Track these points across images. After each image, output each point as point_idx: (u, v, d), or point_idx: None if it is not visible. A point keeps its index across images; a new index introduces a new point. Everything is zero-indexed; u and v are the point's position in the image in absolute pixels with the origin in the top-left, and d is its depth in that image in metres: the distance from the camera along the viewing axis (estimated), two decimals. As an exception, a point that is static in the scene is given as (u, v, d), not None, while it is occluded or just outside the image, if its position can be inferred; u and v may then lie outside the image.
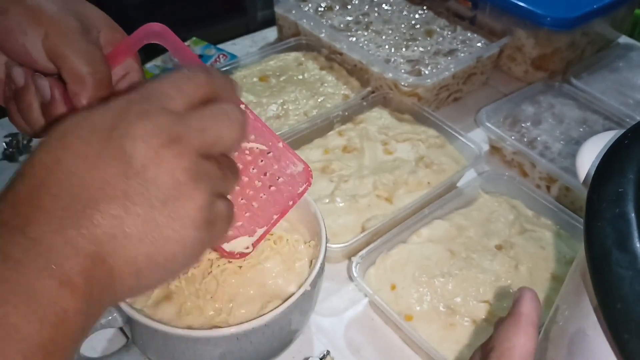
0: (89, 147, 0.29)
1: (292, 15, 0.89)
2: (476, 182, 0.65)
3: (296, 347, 0.52)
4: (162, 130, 0.29)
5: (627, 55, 0.87)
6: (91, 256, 0.28)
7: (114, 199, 0.28)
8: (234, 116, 0.32)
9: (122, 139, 0.29)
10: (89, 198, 0.28)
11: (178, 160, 0.29)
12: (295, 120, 0.72)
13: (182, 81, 0.32)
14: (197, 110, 0.31)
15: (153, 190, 0.29)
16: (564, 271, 0.56)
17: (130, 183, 0.28)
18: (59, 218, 0.27)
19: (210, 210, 0.31)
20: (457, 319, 0.52)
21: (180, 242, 0.30)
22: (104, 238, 0.28)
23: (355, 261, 0.54)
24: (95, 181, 0.28)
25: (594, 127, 0.73)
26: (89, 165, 0.28)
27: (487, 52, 0.81)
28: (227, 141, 0.32)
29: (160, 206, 0.29)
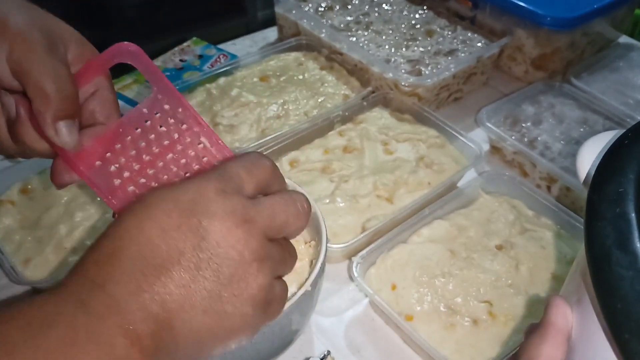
0: (170, 218, 0.31)
1: (292, 15, 0.89)
2: (476, 182, 0.65)
3: (297, 347, 0.52)
4: (236, 210, 0.32)
5: (627, 55, 0.87)
6: (160, 321, 0.29)
7: (186, 270, 0.30)
8: (301, 205, 0.35)
9: (200, 215, 0.31)
10: (164, 266, 0.30)
11: (247, 241, 0.32)
12: (296, 120, 0.72)
13: (253, 165, 0.35)
14: (268, 196, 0.35)
15: (222, 266, 0.31)
16: (565, 271, 0.56)
17: (202, 257, 0.31)
18: (136, 280, 0.29)
19: (269, 291, 0.33)
20: (458, 319, 0.52)
21: (239, 318, 0.32)
22: (173, 305, 0.30)
23: (356, 261, 0.54)
24: (172, 251, 0.30)
25: (594, 127, 0.73)
26: (167, 235, 0.30)
27: (487, 52, 0.81)
28: (293, 228, 0.35)
29: (226, 282, 0.31)
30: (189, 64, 0.87)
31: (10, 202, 0.62)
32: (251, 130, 0.71)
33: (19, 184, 0.63)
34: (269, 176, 0.35)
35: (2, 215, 0.60)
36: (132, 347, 0.28)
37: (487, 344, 0.50)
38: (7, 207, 0.61)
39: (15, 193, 0.63)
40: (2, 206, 0.61)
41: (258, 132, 0.71)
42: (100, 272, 0.30)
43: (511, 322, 0.52)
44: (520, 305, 0.53)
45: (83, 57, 0.40)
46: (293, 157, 0.67)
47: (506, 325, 0.51)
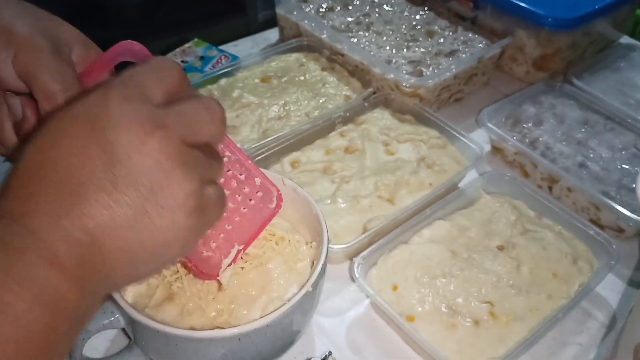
0: (74, 138, 0.29)
1: (293, 16, 0.89)
2: (478, 182, 0.65)
3: (298, 347, 0.52)
4: (144, 117, 0.29)
5: (629, 55, 0.87)
6: (84, 245, 0.28)
7: (102, 190, 0.28)
8: (213, 109, 0.33)
9: (104, 128, 0.29)
10: (77, 190, 0.28)
11: (163, 147, 0.29)
12: (297, 121, 0.72)
13: (160, 70, 0.32)
14: (177, 102, 0.32)
15: (140, 179, 0.29)
16: (566, 271, 0.56)
17: (116, 172, 0.29)
18: (51, 208, 0.28)
19: (200, 195, 0.31)
20: (459, 319, 0.52)
21: (172, 229, 0.30)
22: (96, 228, 0.28)
23: (357, 262, 0.54)
24: (83, 172, 0.29)
25: (595, 127, 0.73)
26: (74, 157, 0.29)
27: (488, 53, 0.81)
28: (210, 132, 0.33)
29: (148, 194, 0.29)
30: (191, 65, 0.87)
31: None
32: (252, 131, 0.71)
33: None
34: (177, 82, 0.33)
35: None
36: (55, 272, 0.27)
37: (488, 345, 0.50)
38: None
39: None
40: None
41: (259, 133, 0.71)
42: (13, 205, 0.29)
43: (512, 323, 0.52)
44: (521, 305, 0.53)
45: (87, 57, 0.41)
46: (294, 158, 0.67)
47: (507, 326, 0.51)
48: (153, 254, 0.31)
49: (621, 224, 0.63)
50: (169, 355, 0.43)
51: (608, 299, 0.59)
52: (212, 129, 0.33)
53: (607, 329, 0.56)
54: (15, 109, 0.39)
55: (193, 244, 0.33)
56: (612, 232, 0.64)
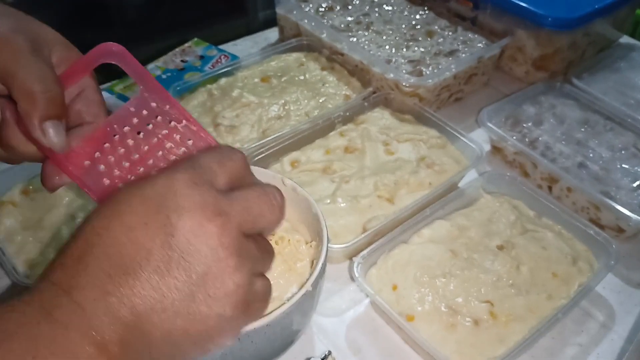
0: (137, 216, 0.29)
1: (293, 15, 0.89)
2: (477, 182, 0.65)
3: (298, 347, 0.52)
4: (208, 204, 0.30)
5: (629, 55, 0.87)
6: (129, 326, 0.28)
7: (155, 271, 0.28)
8: (275, 198, 0.33)
9: (168, 210, 0.29)
10: (131, 267, 0.28)
11: (221, 235, 0.29)
12: (297, 121, 0.72)
13: (225, 158, 0.33)
14: (241, 189, 0.32)
15: (194, 265, 0.29)
16: (566, 271, 0.56)
17: (172, 255, 0.29)
18: (101, 284, 0.28)
19: (248, 290, 0.31)
20: (459, 319, 0.52)
21: (216, 320, 0.30)
22: (143, 309, 0.28)
23: (357, 261, 0.54)
24: (139, 250, 0.29)
25: (595, 127, 0.73)
26: (133, 234, 0.29)
27: (488, 53, 0.81)
28: (268, 222, 0.33)
29: (199, 281, 0.29)
30: (190, 65, 0.87)
31: (12, 203, 0.62)
32: (252, 131, 0.71)
33: (20, 185, 0.64)
34: (241, 169, 0.34)
35: (4, 216, 0.60)
36: (99, 355, 0.27)
37: (488, 344, 0.50)
38: (9, 208, 0.61)
39: (16, 194, 0.63)
40: (4, 207, 0.61)
41: (259, 132, 0.71)
42: (65, 277, 0.28)
43: (512, 322, 0.52)
44: (521, 305, 0.53)
45: (68, 59, 0.40)
46: (294, 158, 0.67)
47: (507, 326, 0.51)
48: (193, 342, 0.30)
49: (621, 224, 0.63)
50: (169, 354, 0.43)
51: (608, 299, 0.59)
52: (272, 217, 0.33)
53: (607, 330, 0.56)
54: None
55: (234, 337, 0.32)
56: (612, 232, 0.64)
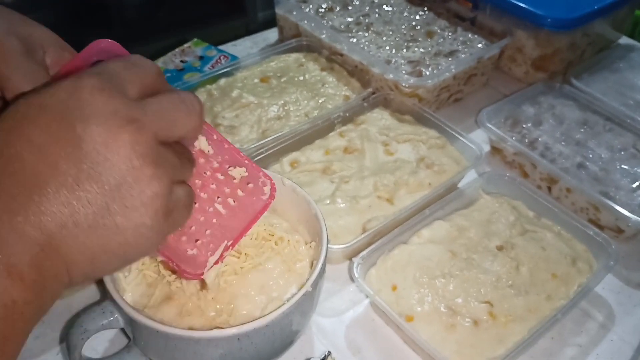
0: (39, 128, 0.27)
1: (292, 16, 0.89)
2: (477, 182, 0.65)
3: (297, 347, 0.52)
4: (118, 111, 0.28)
5: (628, 55, 0.87)
6: (40, 245, 0.27)
7: (63, 185, 0.27)
8: (191, 104, 0.32)
9: (73, 120, 0.27)
10: (37, 184, 0.27)
11: (135, 144, 0.28)
12: (296, 121, 0.72)
13: (136, 66, 0.31)
14: (154, 96, 0.30)
15: (106, 176, 0.27)
16: (565, 272, 0.56)
17: (81, 167, 0.27)
18: (5, 204, 0.26)
19: (168, 197, 0.30)
20: (458, 319, 0.52)
21: (135, 230, 0.29)
22: (53, 226, 0.27)
23: (356, 262, 0.54)
24: (44, 166, 0.27)
25: (594, 128, 0.73)
26: (37, 149, 0.27)
27: (487, 53, 0.81)
28: (186, 128, 0.31)
29: (113, 193, 0.27)
30: (190, 65, 0.87)
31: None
32: (252, 131, 0.71)
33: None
34: (154, 76, 0.31)
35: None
36: (9, 279, 0.26)
37: (487, 345, 0.50)
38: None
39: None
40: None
41: (259, 133, 0.71)
42: None
43: (512, 323, 0.52)
44: (520, 306, 0.53)
45: (62, 59, 0.40)
46: (294, 158, 0.67)
47: (507, 326, 0.51)
48: (114, 255, 0.29)
49: (620, 224, 0.63)
50: (168, 355, 0.43)
51: (607, 299, 0.59)
52: (189, 123, 0.32)
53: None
54: None
55: (155, 246, 0.31)
56: (611, 233, 0.64)
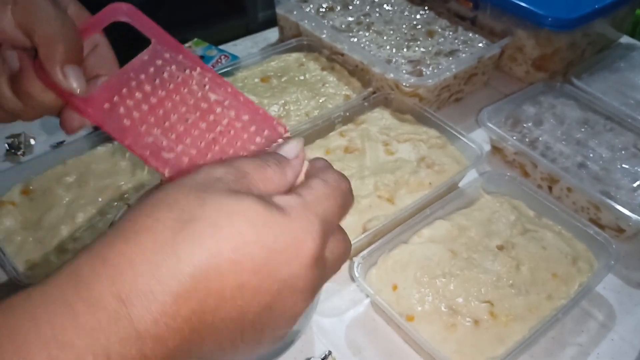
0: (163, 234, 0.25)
1: (293, 16, 0.89)
2: (477, 182, 0.65)
3: (298, 347, 0.52)
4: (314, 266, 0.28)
5: (628, 55, 0.87)
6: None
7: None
8: (346, 188, 0.31)
9: (274, 273, 0.26)
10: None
11: (316, 282, 0.28)
12: (297, 121, 0.72)
13: (342, 200, 0.31)
14: (336, 228, 0.30)
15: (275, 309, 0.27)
16: (566, 271, 0.56)
17: (260, 325, 0.27)
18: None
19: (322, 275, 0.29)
20: (459, 319, 0.52)
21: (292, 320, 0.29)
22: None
23: (357, 261, 0.54)
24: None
25: (595, 127, 0.73)
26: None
27: (488, 53, 0.81)
28: (344, 215, 0.31)
29: (269, 318, 0.27)
30: (190, 65, 0.87)
31: (11, 203, 0.62)
32: (252, 131, 0.71)
33: (19, 184, 0.64)
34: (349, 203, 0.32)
35: (3, 216, 0.60)
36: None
37: (488, 344, 0.50)
38: (8, 208, 0.61)
39: (16, 194, 0.63)
40: (3, 207, 0.61)
41: (259, 132, 0.71)
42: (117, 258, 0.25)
43: (512, 322, 0.52)
44: (521, 305, 0.53)
45: (81, 17, 0.41)
46: (294, 158, 0.67)
47: (507, 326, 0.51)
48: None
49: (621, 223, 0.63)
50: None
51: (608, 299, 0.59)
52: (348, 210, 0.31)
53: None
54: (11, 61, 0.39)
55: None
56: (612, 232, 0.64)
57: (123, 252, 0.24)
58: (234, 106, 0.41)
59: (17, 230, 0.59)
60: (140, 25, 0.39)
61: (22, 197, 0.63)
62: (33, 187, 0.64)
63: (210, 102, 0.39)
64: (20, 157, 0.72)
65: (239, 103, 0.41)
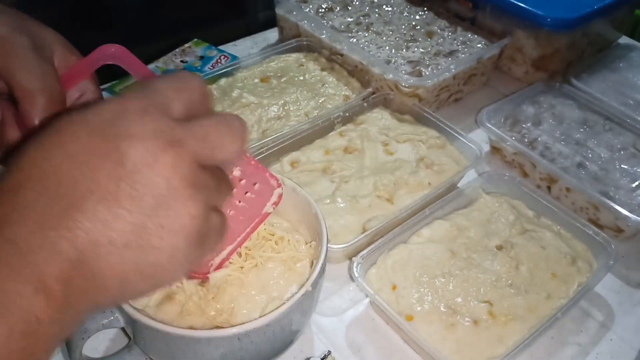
0: (80, 144, 0.27)
1: (292, 16, 0.89)
2: (477, 182, 0.65)
3: (297, 347, 0.52)
4: (161, 132, 0.28)
5: (628, 55, 0.87)
6: (72, 261, 0.26)
7: (100, 201, 0.26)
8: (236, 127, 0.31)
9: (117, 138, 0.27)
10: (74, 198, 0.26)
11: (175, 166, 0.28)
12: (296, 121, 0.72)
13: (182, 84, 0.31)
14: (199, 117, 0.30)
15: (145, 195, 0.27)
16: (565, 271, 0.56)
17: (120, 185, 0.27)
18: (39, 217, 0.26)
19: (204, 222, 0.29)
20: (458, 319, 0.52)
21: (169, 252, 0.28)
22: (87, 242, 0.26)
23: (356, 261, 0.54)
24: (83, 180, 0.26)
25: (594, 127, 0.73)
26: (78, 164, 0.27)
27: (487, 53, 0.81)
28: (228, 152, 0.31)
29: (151, 212, 0.27)
30: (190, 65, 0.87)
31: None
32: (252, 131, 0.71)
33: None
34: (199, 97, 0.31)
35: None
36: (36, 294, 0.25)
37: (487, 344, 0.50)
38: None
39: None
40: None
41: (259, 132, 0.71)
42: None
43: (511, 322, 0.52)
44: (520, 305, 0.53)
45: (69, 61, 0.40)
46: (294, 158, 0.67)
47: (506, 325, 0.52)
48: (144, 277, 0.28)
49: (620, 223, 0.63)
50: (169, 354, 0.44)
51: (607, 298, 0.59)
52: (231, 148, 0.31)
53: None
54: None
55: (185, 271, 0.31)
56: (611, 232, 0.64)
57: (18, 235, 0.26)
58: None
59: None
60: (129, 68, 0.38)
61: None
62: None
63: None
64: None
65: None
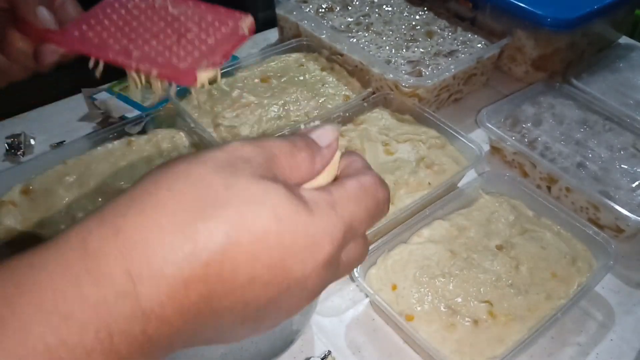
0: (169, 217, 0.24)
1: (293, 16, 0.89)
2: (477, 182, 0.65)
3: (297, 347, 0.52)
4: (335, 257, 0.27)
5: (628, 55, 0.87)
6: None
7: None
8: (382, 197, 0.29)
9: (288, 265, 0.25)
10: None
11: (325, 282, 0.27)
12: (297, 121, 0.72)
13: (376, 212, 0.29)
14: (341, 197, 0.27)
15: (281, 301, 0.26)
16: (565, 271, 0.56)
17: (259, 313, 0.26)
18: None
19: (333, 278, 0.28)
20: (458, 319, 0.52)
21: (287, 317, 0.28)
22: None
23: (356, 261, 0.54)
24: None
25: (594, 127, 0.73)
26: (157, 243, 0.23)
27: (487, 53, 0.81)
28: (372, 225, 0.29)
29: (277, 307, 0.27)
30: (190, 65, 0.87)
31: (12, 203, 0.62)
32: (252, 131, 0.71)
33: (20, 184, 0.64)
34: (384, 212, 0.30)
35: (3, 216, 0.60)
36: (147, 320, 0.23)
37: (487, 344, 0.50)
38: (8, 207, 0.61)
39: (16, 194, 0.63)
40: (3, 207, 0.61)
41: (259, 133, 0.71)
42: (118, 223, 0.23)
43: (511, 322, 0.52)
44: (520, 305, 0.53)
45: None
46: (294, 158, 0.67)
47: (506, 325, 0.52)
48: (250, 328, 0.28)
49: (620, 223, 0.63)
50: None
51: (607, 298, 0.59)
52: (380, 219, 0.30)
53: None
54: None
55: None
56: (611, 232, 0.64)
57: (138, 226, 0.23)
58: (197, 12, 0.42)
59: (18, 230, 0.59)
60: None
61: (22, 197, 0.63)
62: (33, 187, 0.64)
63: (173, 14, 0.41)
64: (20, 157, 0.72)
65: (201, 10, 0.43)
